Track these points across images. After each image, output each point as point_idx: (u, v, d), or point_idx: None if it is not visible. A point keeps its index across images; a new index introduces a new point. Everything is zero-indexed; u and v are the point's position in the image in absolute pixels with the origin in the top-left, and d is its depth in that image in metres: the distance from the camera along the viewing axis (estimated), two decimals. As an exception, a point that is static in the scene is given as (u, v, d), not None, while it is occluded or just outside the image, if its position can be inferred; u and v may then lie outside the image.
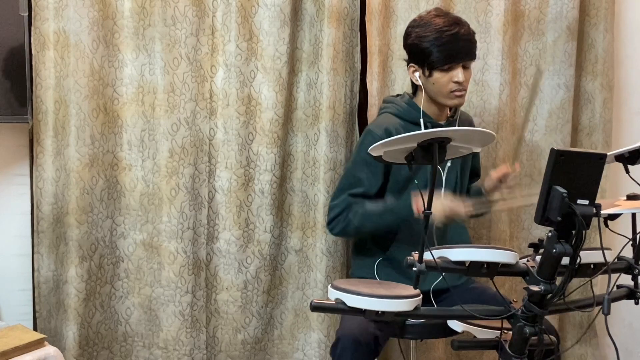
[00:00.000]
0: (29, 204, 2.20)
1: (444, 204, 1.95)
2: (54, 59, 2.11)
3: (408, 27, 2.08)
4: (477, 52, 2.06)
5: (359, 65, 2.38)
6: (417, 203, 1.95)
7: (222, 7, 2.22)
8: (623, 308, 1.98)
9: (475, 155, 2.31)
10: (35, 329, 2.18)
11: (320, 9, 2.30)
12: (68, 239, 2.18)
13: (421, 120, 2.08)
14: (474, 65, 2.42)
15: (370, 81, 2.36)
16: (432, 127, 2.08)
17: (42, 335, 1.93)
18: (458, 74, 2.01)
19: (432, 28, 1.99)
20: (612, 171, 2.42)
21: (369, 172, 2.07)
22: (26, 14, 2.07)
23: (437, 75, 2.01)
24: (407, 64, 2.10)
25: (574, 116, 2.60)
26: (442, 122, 2.14)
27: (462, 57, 2.01)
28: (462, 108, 2.24)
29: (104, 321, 2.27)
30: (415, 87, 2.13)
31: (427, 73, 2.03)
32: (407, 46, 2.08)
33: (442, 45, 1.97)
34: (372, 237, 2.15)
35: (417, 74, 2.07)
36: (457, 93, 2.04)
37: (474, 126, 2.27)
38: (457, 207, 1.96)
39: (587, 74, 2.60)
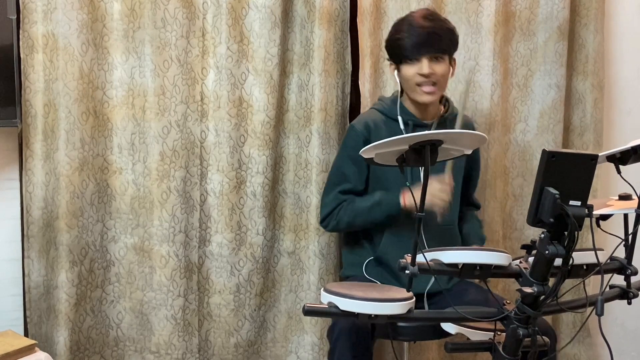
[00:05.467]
0: (19, 208, 2.18)
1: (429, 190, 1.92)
2: (43, 62, 2.09)
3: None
4: (448, 48, 2.04)
5: (350, 67, 2.38)
6: (405, 198, 1.99)
7: (212, 9, 2.21)
8: (616, 308, 1.98)
9: (475, 167, 2.29)
10: (26, 334, 2.16)
11: (311, 11, 2.30)
12: (58, 243, 2.16)
13: (399, 117, 2.08)
14: (465, 66, 2.43)
15: (363, 83, 2.36)
16: (414, 126, 2.09)
17: (33, 341, 1.91)
18: (423, 66, 1.99)
19: (407, 22, 2.01)
20: (604, 171, 2.42)
21: (354, 168, 2.09)
22: (14, 17, 2.05)
23: (404, 67, 2.02)
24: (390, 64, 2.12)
25: (565, 116, 2.61)
26: (428, 121, 2.12)
27: (427, 48, 1.99)
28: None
29: (95, 326, 2.25)
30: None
31: (398, 67, 2.04)
32: (385, 44, 2.10)
33: (409, 38, 1.98)
34: (363, 236, 2.16)
35: (395, 72, 2.08)
36: (425, 88, 2.01)
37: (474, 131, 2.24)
38: (444, 188, 1.98)
39: (578, 74, 2.60)
